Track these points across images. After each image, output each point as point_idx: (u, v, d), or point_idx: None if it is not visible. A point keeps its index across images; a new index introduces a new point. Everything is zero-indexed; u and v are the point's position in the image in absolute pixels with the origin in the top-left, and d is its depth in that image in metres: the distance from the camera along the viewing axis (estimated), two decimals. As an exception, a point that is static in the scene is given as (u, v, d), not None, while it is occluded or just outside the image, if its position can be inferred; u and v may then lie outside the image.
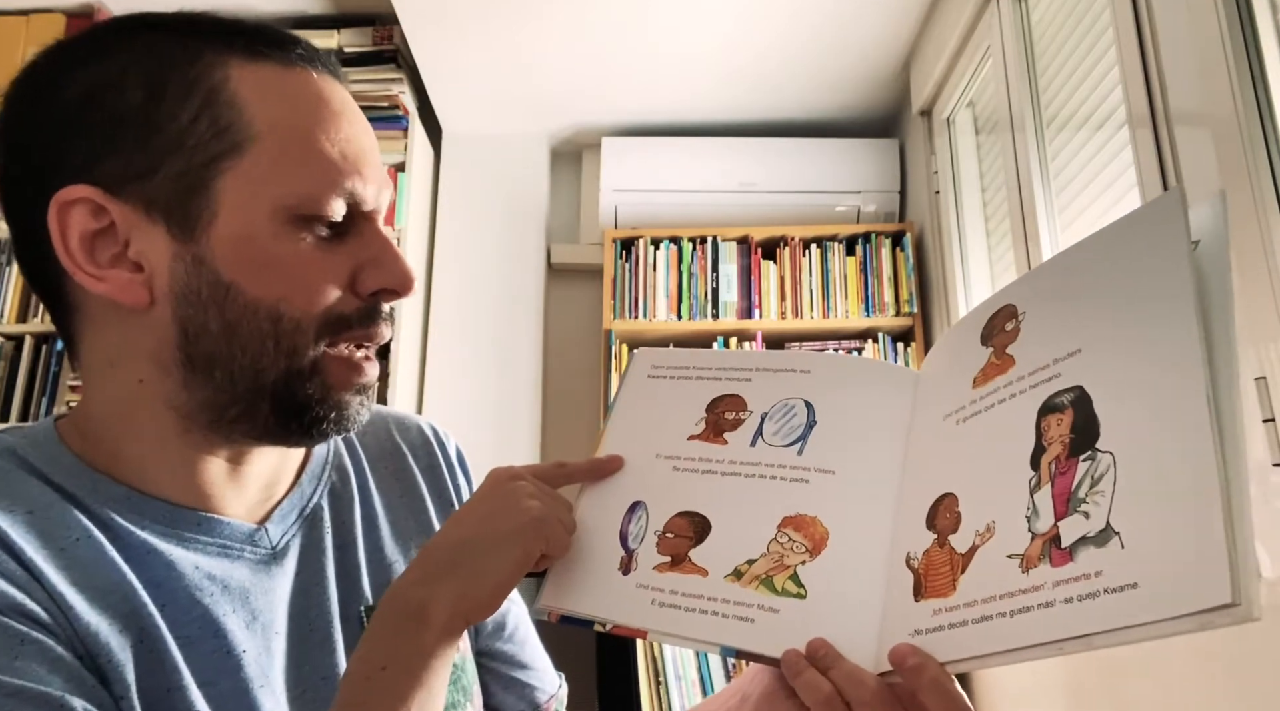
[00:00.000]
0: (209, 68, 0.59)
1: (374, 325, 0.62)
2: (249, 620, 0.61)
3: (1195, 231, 0.55)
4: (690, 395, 0.71)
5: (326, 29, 2.77)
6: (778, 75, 2.74)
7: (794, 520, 0.62)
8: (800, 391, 0.68)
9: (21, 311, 2.70)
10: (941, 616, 0.54)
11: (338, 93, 0.63)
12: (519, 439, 2.83)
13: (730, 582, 0.60)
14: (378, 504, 0.73)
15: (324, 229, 0.60)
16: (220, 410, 0.60)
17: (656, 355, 0.74)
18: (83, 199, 0.57)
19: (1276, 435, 1.13)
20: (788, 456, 0.65)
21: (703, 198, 2.87)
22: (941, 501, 0.58)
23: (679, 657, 2.47)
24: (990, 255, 2.38)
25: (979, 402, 0.60)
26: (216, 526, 0.62)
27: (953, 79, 2.41)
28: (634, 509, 0.65)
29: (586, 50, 2.64)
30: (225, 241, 0.58)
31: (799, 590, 0.59)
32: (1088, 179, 1.74)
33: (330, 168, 0.59)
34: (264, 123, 0.58)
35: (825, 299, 2.74)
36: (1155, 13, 1.41)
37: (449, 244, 2.96)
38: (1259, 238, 1.16)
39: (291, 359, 0.59)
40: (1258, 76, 1.21)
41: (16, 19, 2.68)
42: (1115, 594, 0.47)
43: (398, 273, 0.62)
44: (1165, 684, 1.41)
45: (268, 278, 0.58)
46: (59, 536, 0.56)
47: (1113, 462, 0.51)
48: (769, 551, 0.61)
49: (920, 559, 0.57)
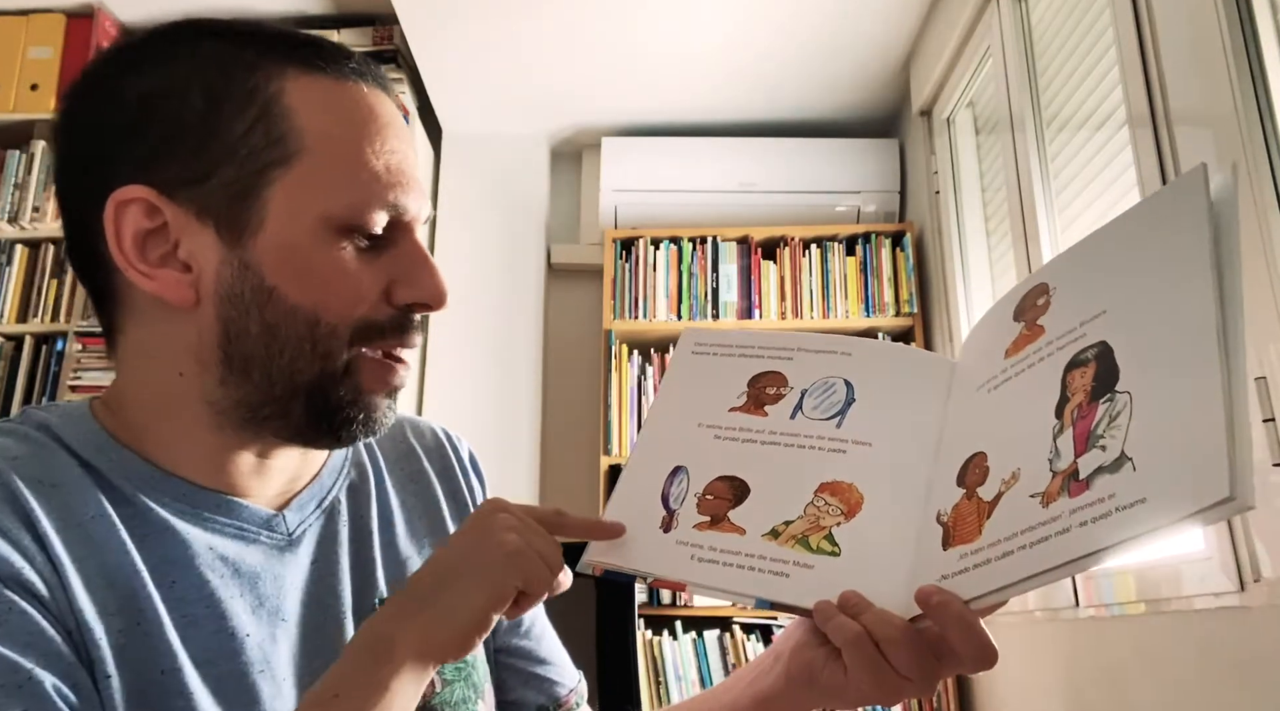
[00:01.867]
0: (266, 79, 0.61)
1: (406, 333, 0.64)
2: (255, 605, 0.62)
3: (1211, 194, 0.58)
4: (733, 370, 0.73)
5: (326, 29, 2.76)
6: (778, 75, 2.74)
7: (830, 486, 0.64)
8: (840, 371, 0.70)
9: (21, 311, 2.70)
10: (967, 559, 0.56)
11: (386, 106, 0.65)
12: (519, 439, 2.83)
13: (767, 541, 0.63)
14: (394, 502, 0.75)
15: (364, 239, 0.62)
16: (254, 409, 0.62)
17: (701, 334, 0.77)
18: (139, 199, 0.59)
19: (1276, 435, 1.13)
20: (826, 429, 0.67)
21: (703, 198, 2.87)
22: (972, 459, 0.61)
23: (679, 657, 2.47)
24: (990, 255, 2.38)
25: (1009, 370, 0.63)
26: (236, 509, 0.64)
27: (953, 79, 2.41)
28: (676, 473, 0.68)
29: (587, 50, 2.64)
30: (271, 248, 0.60)
31: (833, 548, 0.61)
32: (1088, 179, 1.74)
33: (375, 181, 0.61)
34: (314, 135, 0.61)
35: (825, 299, 2.74)
36: (1155, 13, 1.41)
37: (449, 244, 2.96)
38: (1259, 237, 1.16)
39: (326, 362, 0.61)
40: (1258, 76, 1.21)
41: (16, 19, 2.68)
42: (1125, 510, 0.50)
43: (431, 287, 0.64)
44: (1165, 684, 1.41)
45: (308, 284, 0.60)
46: (79, 512, 0.58)
47: (1129, 400, 0.54)
48: (805, 513, 0.63)
49: (950, 513, 0.60)
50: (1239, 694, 1.22)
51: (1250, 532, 1.20)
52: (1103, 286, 0.60)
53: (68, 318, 2.61)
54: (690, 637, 2.50)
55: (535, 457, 2.84)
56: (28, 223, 2.64)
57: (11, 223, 2.64)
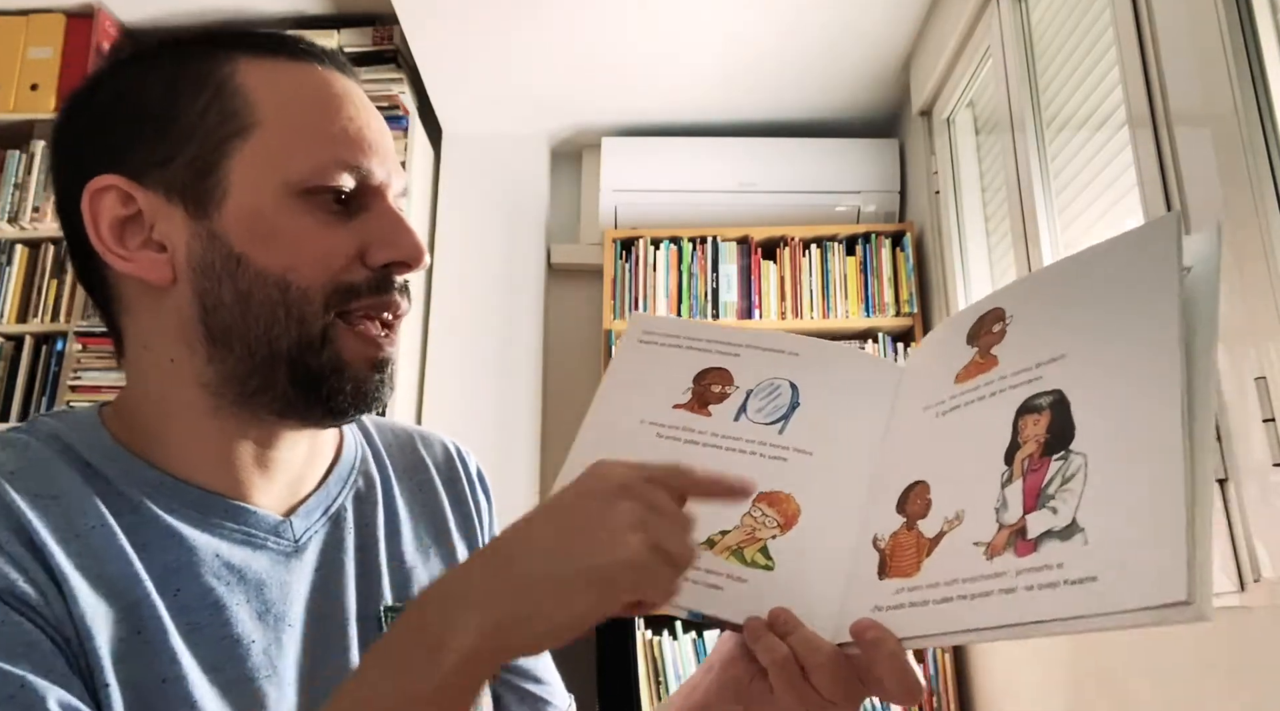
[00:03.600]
0: (219, 64, 0.64)
1: (385, 294, 0.64)
2: (261, 611, 0.63)
3: (1189, 257, 0.56)
4: (679, 364, 0.71)
5: (326, 29, 2.76)
6: (778, 75, 2.74)
7: (769, 496, 0.63)
8: (787, 373, 0.69)
9: (21, 311, 2.70)
10: (904, 595, 0.56)
11: (340, 81, 0.67)
12: (519, 439, 2.83)
13: (703, 550, 0.61)
14: (402, 511, 0.75)
15: (333, 203, 0.63)
16: (242, 382, 0.63)
17: (650, 321, 0.75)
18: (111, 186, 0.62)
19: (1276, 435, 1.13)
20: (769, 434, 0.66)
21: (703, 198, 2.87)
22: (914, 488, 0.60)
23: (679, 657, 2.47)
24: (990, 255, 2.38)
25: (959, 397, 0.62)
26: (244, 514, 0.64)
27: (953, 79, 2.41)
28: None
29: (587, 50, 2.64)
30: (235, 216, 0.62)
31: (767, 562, 0.61)
32: (1088, 179, 1.74)
33: (333, 143, 0.63)
34: (269, 107, 0.63)
35: (825, 299, 2.74)
36: (1155, 13, 1.41)
37: (449, 244, 2.96)
38: (1259, 237, 1.16)
39: (302, 327, 0.62)
40: (1258, 76, 1.21)
41: (16, 19, 2.68)
42: (1075, 585, 0.48)
43: (406, 245, 0.64)
44: (1165, 684, 1.41)
45: (275, 248, 0.61)
46: (78, 523, 0.58)
47: (1084, 464, 0.52)
48: (742, 523, 0.62)
49: (888, 540, 0.59)
50: (1238, 694, 1.22)
51: (1250, 532, 1.20)
52: (1063, 327, 0.58)
53: (68, 318, 2.61)
54: (690, 638, 2.50)
55: (535, 458, 2.84)
56: (28, 223, 2.64)
57: (11, 223, 2.64)
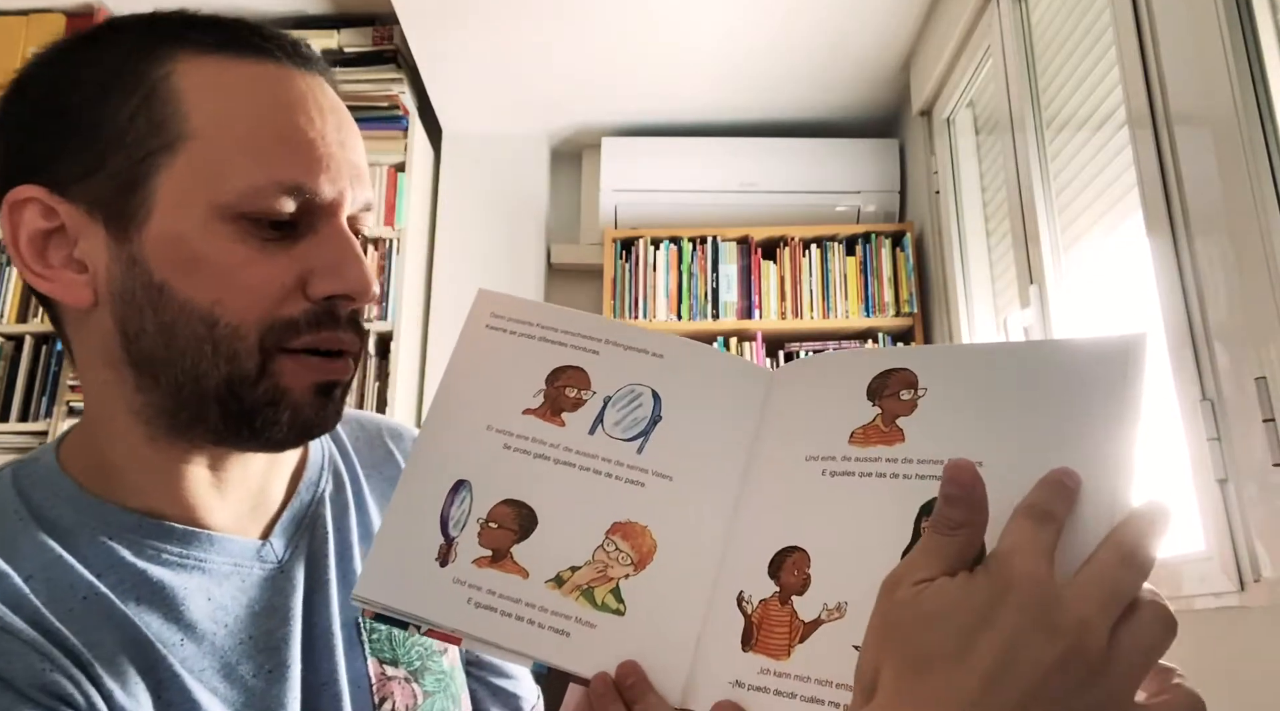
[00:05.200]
0: (156, 63, 0.57)
1: (327, 329, 0.58)
2: (266, 639, 0.61)
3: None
4: (531, 358, 0.64)
5: (326, 29, 2.77)
6: (778, 75, 2.74)
7: (623, 527, 0.58)
8: (649, 378, 0.62)
9: (21, 311, 2.70)
10: (769, 678, 0.51)
11: (298, 84, 0.59)
12: (519, 439, 2.83)
13: (550, 589, 0.56)
14: (372, 509, 0.72)
15: (269, 229, 0.57)
16: (172, 414, 0.58)
17: (498, 301, 0.67)
18: (31, 198, 0.57)
19: (1276, 435, 1.13)
20: (626, 453, 0.60)
21: (703, 198, 2.87)
22: (791, 554, 0.54)
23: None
24: (990, 255, 2.38)
25: (854, 463, 0.55)
26: (226, 545, 0.61)
27: (953, 79, 2.41)
28: (458, 488, 0.60)
29: (586, 50, 2.64)
30: (157, 241, 0.56)
31: (619, 606, 0.56)
32: (1088, 179, 1.74)
33: (273, 161, 0.56)
34: (204, 117, 0.56)
35: (825, 299, 2.74)
36: (1155, 13, 1.41)
37: (449, 244, 2.96)
38: (1259, 238, 1.16)
39: (232, 364, 0.56)
40: (1258, 76, 1.21)
41: (16, 19, 2.68)
42: None
43: (351, 277, 0.58)
44: (1165, 684, 1.41)
45: (200, 280, 0.56)
46: (64, 600, 0.54)
47: None
48: (594, 559, 0.57)
49: (757, 607, 0.53)
50: (1238, 694, 1.22)
51: (1250, 532, 1.20)
52: (984, 428, 0.52)
53: (68, 318, 2.61)
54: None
55: (535, 457, 2.84)
56: (28, 223, 2.64)
57: (11, 223, 2.64)
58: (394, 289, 2.71)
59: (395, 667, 0.67)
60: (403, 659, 0.68)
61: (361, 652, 0.66)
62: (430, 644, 0.70)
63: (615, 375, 0.63)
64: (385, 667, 0.67)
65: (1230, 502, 1.23)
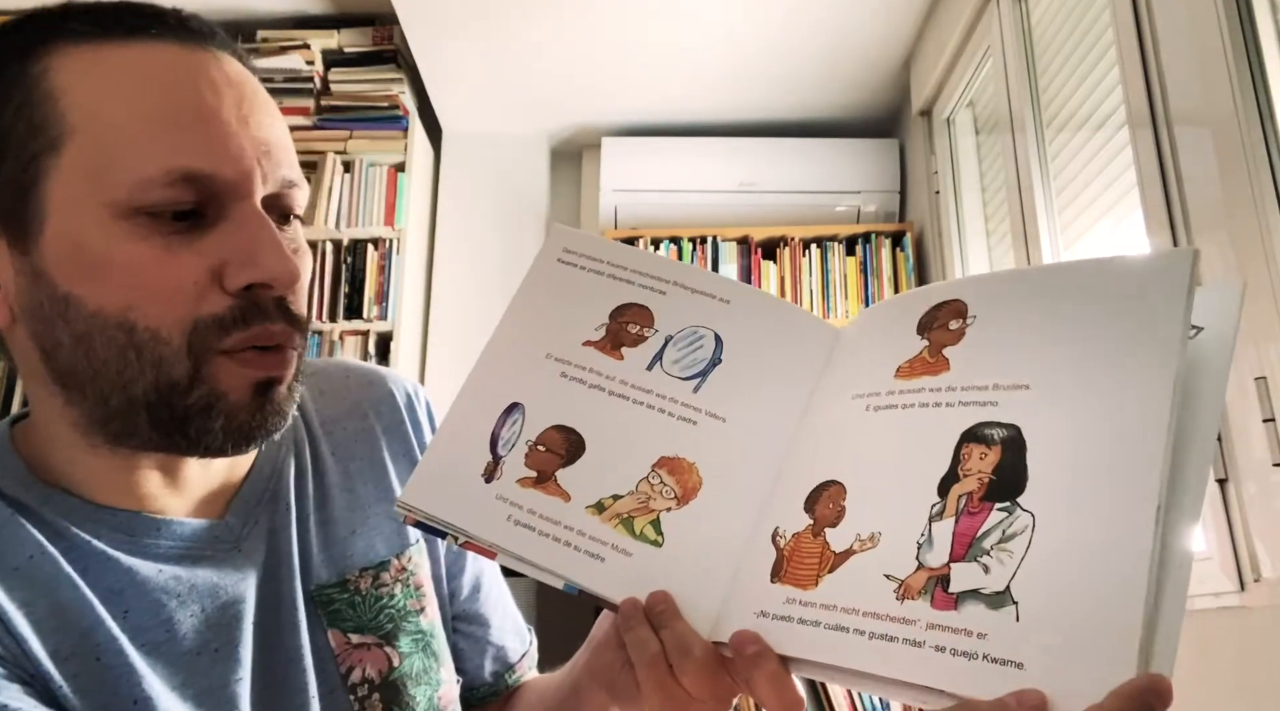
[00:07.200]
0: (33, 60, 0.54)
1: (257, 324, 0.55)
2: (218, 616, 0.59)
3: (1202, 315, 0.50)
4: (598, 293, 0.64)
5: (326, 29, 2.76)
6: (777, 75, 2.74)
7: (671, 462, 0.58)
8: (713, 322, 0.63)
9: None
10: (794, 607, 0.51)
11: (186, 61, 0.54)
12: (519, 439, 2.83)
13: (590, 514, 0.57)
14: (331, 472, 0.69)
15: (174, 221, 0.53)
16: (104, 425, 0.55)
17: (573, 238, 0.67)
18: None
19: (1276, 435, 1.13)
20: (682, 391, 0.61)
21: (703, 198, 2.87)
22: (827, 488, 0.54)
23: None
24: (990, 255, 2.38)
25: (898, 396, 0.55)
26: (176, 529, 0.59)
27: (953, 79, 2.41)
28: (511, 410, 0.61)
29: (586, 50, 2.64)
30: (56, 250, 0.52)
31: (657, 537, 0.56)
32: (1088, 179, 1.74)
33: (160, 148, 0.52)
34: (83, 112, 0.52)
35: (825, 299, 2.74)
36: (1155, 13, 1.41)
37: (449, 244, 2.96)
38: (1259, 238, 1.16)
39: (159, 369, 0.53)
40: (1258, 76, 1.21)
41: (16, 19, 2.68)
42: (996, 665, 0.43)
43: (266, 263, 0.54)
44: (1165, 684, 1.41)
45: (107, 286, 0.52)
46: (12, 555, 0.53)
47: (1031, 526, 0.46)
48: (637, 490, 0.57)
49: (789, 540, 0.54)
50: (1238, 694, 1.22)
51: (1250, 532, 1.20)
52: (1031, 350, 0.52)
53: (68, 318, 2.61)
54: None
55: (535, 457, 2.84)
56: (28, 223, 2.64)
57: (11, 223, 2.64)
58: (394, 289, 2.71)
59: (361, 635, 0.65)
60: (369, 625, 0.66)
61: (321, 625, 0.64)
62: (402, 605, 0.68)
63: (679, 316, 0.63)
64: (350, 636, 0.65)
65: (1230, 502, 1.23)
